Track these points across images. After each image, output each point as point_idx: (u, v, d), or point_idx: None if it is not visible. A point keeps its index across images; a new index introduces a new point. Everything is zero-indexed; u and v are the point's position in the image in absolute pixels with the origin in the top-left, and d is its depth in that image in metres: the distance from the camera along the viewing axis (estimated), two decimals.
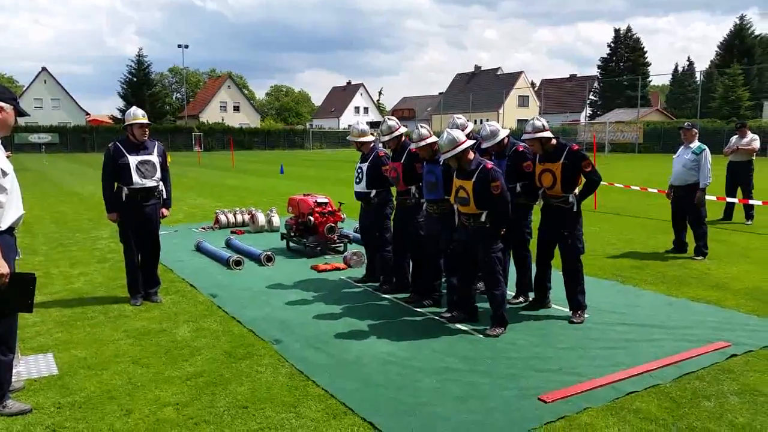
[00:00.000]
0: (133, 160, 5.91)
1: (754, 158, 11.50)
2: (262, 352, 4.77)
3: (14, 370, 4.33)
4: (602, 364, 4.45)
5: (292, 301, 6.20)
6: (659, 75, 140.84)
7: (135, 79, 70.04)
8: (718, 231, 10.39)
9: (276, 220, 10.89)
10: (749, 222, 11.18)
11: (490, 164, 5.13)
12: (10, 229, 3.69)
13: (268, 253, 8.01)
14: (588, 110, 70.75)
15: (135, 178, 5.91)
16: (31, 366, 4.47)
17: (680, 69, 78.97)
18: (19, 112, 3.86)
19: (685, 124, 8.71)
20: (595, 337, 5.08)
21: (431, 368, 4.43)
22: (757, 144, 11.40)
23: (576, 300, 5.56)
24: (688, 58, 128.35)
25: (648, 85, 71.30)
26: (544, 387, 4.06)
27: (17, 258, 3.81)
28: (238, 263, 7.71)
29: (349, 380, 4.22)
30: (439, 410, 3.77)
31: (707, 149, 8.24)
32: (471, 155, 5.20)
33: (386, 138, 6.32)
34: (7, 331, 3.72)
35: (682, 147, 8.50)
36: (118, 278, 7.02)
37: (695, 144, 8.32)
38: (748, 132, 11.45)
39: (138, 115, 6.02)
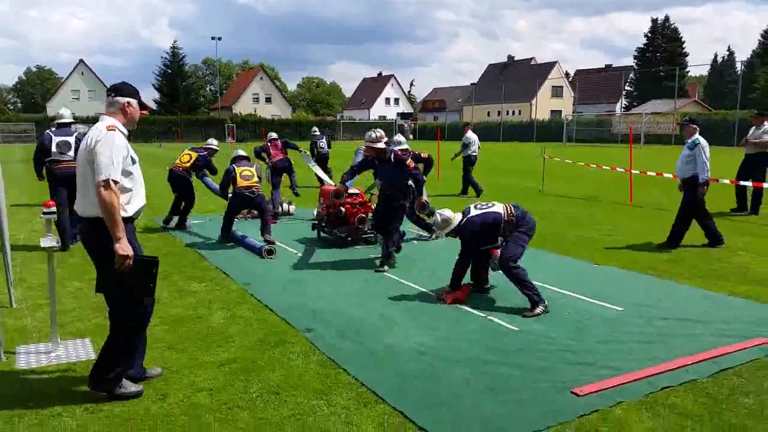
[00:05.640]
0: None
1: None
2: (294, 340, 4.82)
3: (53, 354, 4.47)
4: (637, 358, 4.38)
5: (323, 291, 6.25)
6: (697, 65, 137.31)
7: (170, 71, 71.13)
8: (758, 226, 10.12)
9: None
10: (749, 213, 11.06)
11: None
12: (131, 218, 3.75)
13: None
14: (624, 101, 69.48)
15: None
16: (69, 350, 4.59)
17: (719, 59, 76.93)
18: (142, 106, 3.95)
19: (684, 119, 8.68)
20: (630, 330, 5.00)
21: (462, 359, 4.42)
22: None
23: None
24: (729, 47, 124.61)
25: (685, 76, 69.56)
26: (577, 380, 4.02)
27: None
28: (270, 252, 7.78)
29: (380, 370, 4.24)
30: (470, 401, 3.75)
31: (702, 143, 8.15)
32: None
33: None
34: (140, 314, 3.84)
35: (685, 142, 8.50)
36: None
37: (692, 139, 8.26)
38: (766, 123, 11.23)
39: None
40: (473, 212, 5.89)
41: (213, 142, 10.05)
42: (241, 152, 9.26)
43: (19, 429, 3.43)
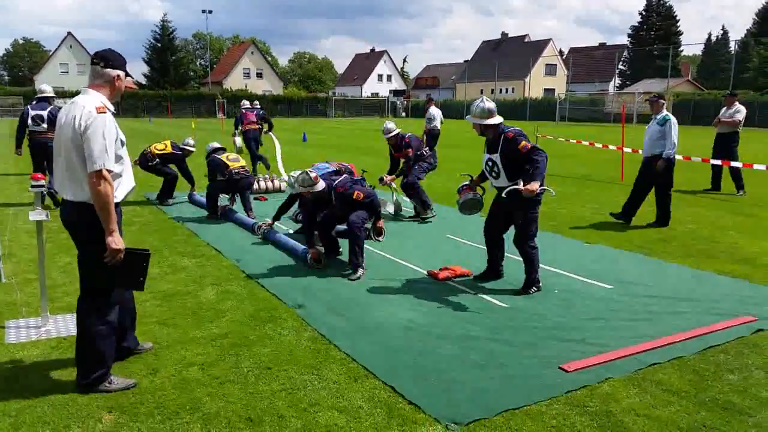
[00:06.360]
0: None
1: (740, 130, 11.52)
2: (285, 316, 4.83)
3: (43, 329, 4.46)
4: (625, 336, 4.43)
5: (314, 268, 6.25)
6: (691, 44, 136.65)
7: (159, 45, 70.16)
8: (748, 206, 10.18)
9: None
10: (740, 193, 11.20)
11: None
12: (118, 203, 3.58)
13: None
14: (617, 80, 69.29)
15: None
16: (59, 324, 4.58)
17: (713, 38, 76.74)
18: (127, 75, 3.72)
19: (652, 95, 8.77)
20: (619, 308, 5.04)
21: (452, 335, 4.45)
22: (739, 116, 11.43)
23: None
24: (723, 26, 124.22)
25: (679, 55, 69.37)
26: (566, 357, 4.06)
27: None
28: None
29: (370, 345, 4.26)
30: (459, 376, 3.79)
31: (672, 119, 8.23)
32: None
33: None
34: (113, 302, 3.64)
35: (653, 119, 8.49)
36: (145, 241, 7.14)
37: (661, 115, 8.31)
38: (736, 103, 11.49)
39: None
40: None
41: (190, 142, 9.90)
42: (216, 144, 9.22)
43: (9, 403, 3.43)
